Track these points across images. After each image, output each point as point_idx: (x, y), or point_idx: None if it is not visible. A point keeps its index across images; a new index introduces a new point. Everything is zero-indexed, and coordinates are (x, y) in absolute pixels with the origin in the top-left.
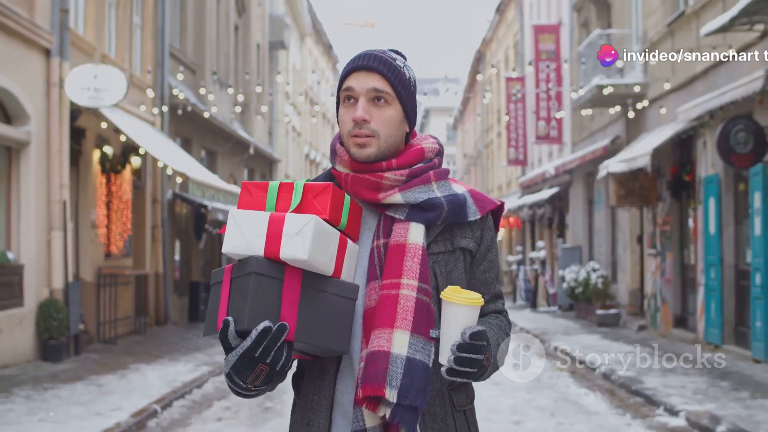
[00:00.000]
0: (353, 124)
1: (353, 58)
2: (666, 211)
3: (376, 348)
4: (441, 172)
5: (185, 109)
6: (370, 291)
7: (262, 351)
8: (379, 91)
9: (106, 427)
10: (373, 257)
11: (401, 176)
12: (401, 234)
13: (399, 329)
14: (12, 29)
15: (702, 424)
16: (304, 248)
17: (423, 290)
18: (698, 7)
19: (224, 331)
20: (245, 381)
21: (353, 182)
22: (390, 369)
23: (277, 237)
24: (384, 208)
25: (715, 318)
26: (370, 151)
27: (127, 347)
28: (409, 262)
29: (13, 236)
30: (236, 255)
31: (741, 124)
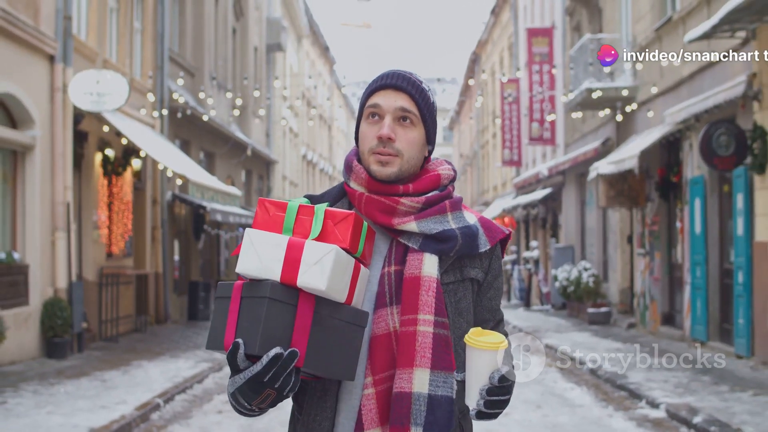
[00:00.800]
0: (377, 142)
1: (381, 75)
2: (654, 212)
3: (399, 389)
4: (456, 202)
5: (185, 113)
6: (379, 318)
7: (272, 377)
8: (406, 111)
9: (112, 419)
10: (384, 284)
11: (417, 203)
12: (415, 265)
13: (419, 368)
14: (18, 37)
15: (680, 416)
16: (323, 278)
17: (440, 324)
18: (684, 14)
19: (233, 353)
20: (251, 403)
21: (367, 203)
22: (413, 408)
23: (295, 263)
24: (397, 234)
25: (701, 315)
26: (391, 170)
27: (128, 345)
28: (425, 297)
29: (18, 237)
30: (250, 276)
31: (723, 128)
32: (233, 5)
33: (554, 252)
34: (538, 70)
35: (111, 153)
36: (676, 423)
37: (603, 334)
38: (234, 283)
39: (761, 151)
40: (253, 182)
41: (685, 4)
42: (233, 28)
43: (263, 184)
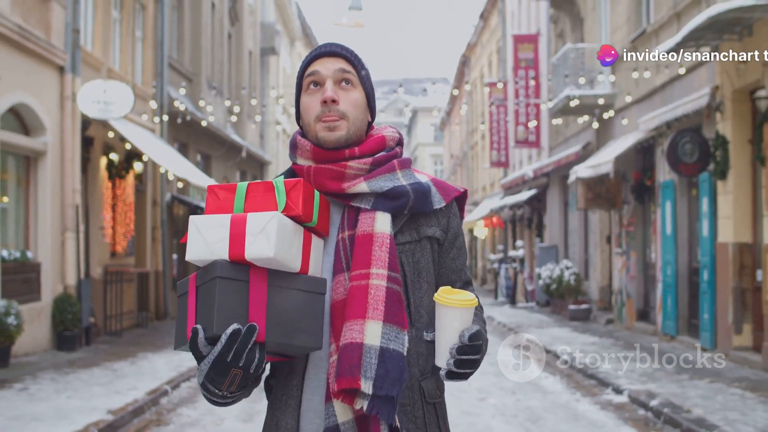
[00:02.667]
0: (321, 108)
1: (315, 48)
2: (630, 213)
3: (349, 340)
4: (404, 160)
5: (184, 118)
6: (337, 284)
7: (234, 354)
8: (345, 72)
9: (126, 402)
10: (339, 250)
11: (365, 164)
12: (368, 223)
13: (371, 320)
14: (31, 50)
15: (640, 400)
16: (270, 246)
17: (393, 279)
18: (657, 27)
19: (194, 340)
20: (220, 388)
21: (316, 173)
22: (364, 360)
23: (240, 238)
24: (348, 199)
25: (671, 311)
26: (340, 134)
27: (132, 339)
28: (378, 251)
29: (31, 237)
30: (200, 261)
31: (687, 137)
32: (229, 11)
33: (539, 251)
34: (523, 76)
35: (115, 157)
36: (636, 406)
37: (582, 330)
38: (189, 277)
39: (723, 158)
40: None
41: (657, 17)
42: (229, 33)
43: None
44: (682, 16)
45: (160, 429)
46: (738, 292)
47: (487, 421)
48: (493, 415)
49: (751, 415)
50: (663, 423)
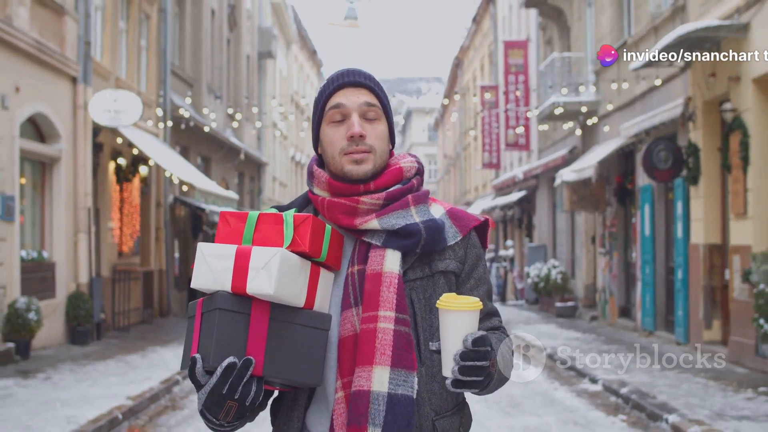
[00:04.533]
0: (348, 142)
1: (337, 74)
2: (613, 215)
3: (357, 388)
4: (420, 195)
5: (188, 124)
6: (344, 320)
7: (229, 387)
8: (371, 106)
9: (143, 390)
10: (348, 285)
11: (378, 200)
12: (377, 262)
13: (378, 365)
14: (47, 62)
15: (612, 388)
16: (270, 282)
17: (401, 321)
18: (637, 38)
19: (192, 369)
20: (216, 417)
21: (329, 207)
22: (371, 408)
23: (243, 271)
24: (361, 234)
25: (649, 308)
26: (367, 167)
27: (139, 334)
28: (386, 293)
29: (46, 238)
30: (204, 290)
31: (662, 145)
32: (228, 17)
33: (528, 251)
34: (513, 81)
35: (122, 162)
36: (608, 394)
37: (567, 326)
38: (197, 301)
39: (694, 165)
40: (245, 184)
41: (637, 30)
42: (228, 39)
43: (254, 185)
44: (659, 30)
45: (175, 413)
46: (708, 290)
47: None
48: (477, 401)
49: (709, 401)
50: (631, 408)
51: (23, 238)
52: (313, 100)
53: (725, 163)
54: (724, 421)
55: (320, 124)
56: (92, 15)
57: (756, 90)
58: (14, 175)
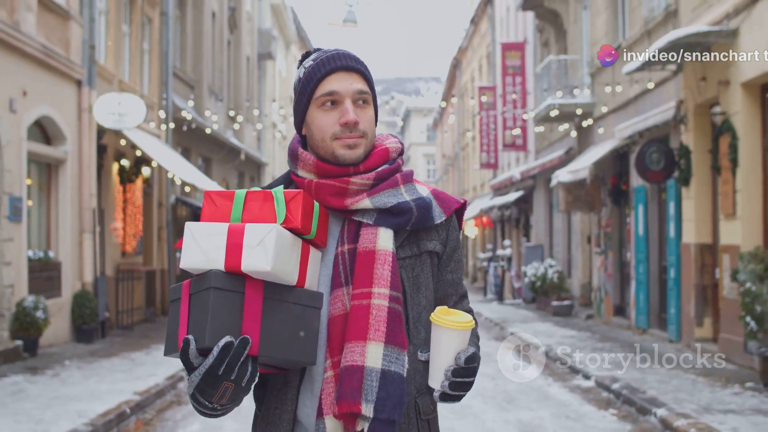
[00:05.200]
0: (341, 128)
1: (327, 57)
2: (608, 216)
3: (350, 362)
4: (407, 174)
5: (190, 126)
6: (335, 299)
7: (226, 368)
8: (362, 93)
9: (149, 386)
10: (338, 264)
11: (368, 180)
12: (370, 240)
13: (372, 341)
14: (53, 66)
15: (604, 384)
16: (267, 259)
17: (394, 298)
18: (631, 42)
19: (185, 351)
20: (210, 400)
21: (317, 188)
22: (365, 383)
23: (237, 248)
24: (350, 213)
25: (643, 306)
26: (359, 152)
27: (142, 332)
28: (380, 270)
29: (52, 238)
30: (195, 270)
31: (654, 147)
32: (228, 19)
33: (525, 250)
34: (511, 82)
35: (126, 163)
36: (600, 389)
37: (563, 324)
38: (183, 283)
39: (686, 167)
40: (245, 184)
41: (631, 33)
42: (228, 41)
43: (254, 185)
44: (652, 34)
45: (181, 408)
46: (699, 289)
47: (467, 401)
48: (473, 396)
49: (697, 395)
50: (621, 403)
51: (30, 238)
52: None
53: (715, 164)
54: (710, 414)
55: (308, 106)
56: (96, 19)
57: (744, 94)
58: (22, 176)
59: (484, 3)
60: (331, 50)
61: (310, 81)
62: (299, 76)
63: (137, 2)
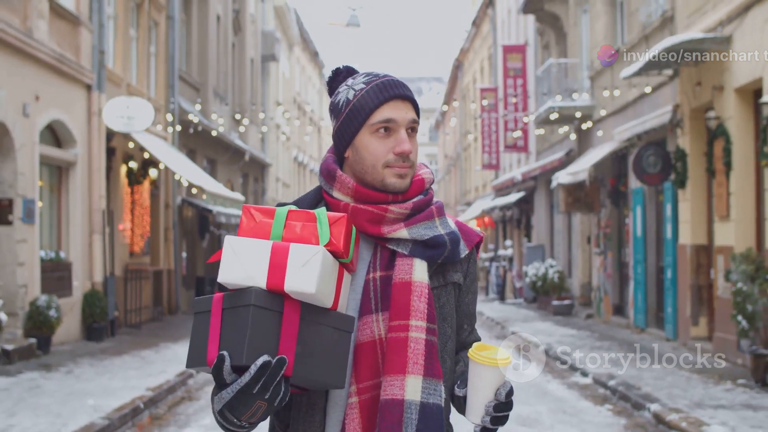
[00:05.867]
0: (395, 157)
1: (384, 84)
2: (607, 217)
3: (390, 396)
4: (440, 207)
5: (196, 128)
6: (363, 325)
7: (261, 387)
8: (415, 122)
9: (160, 382)
10: (369, 290)
11: (405, 209)
12: (405, 270)
13: (411, 374)
14: (65, 72)
15: (601, 381)
16: (312, 281)
17: (431, 330)
18: (629, 46)
19: (219, 367)
20: (240, 418)
21: (354, 213)
22: (405, 416)
23: (281, 268)
24: (384, 241)
25: (641, 306)
26: (407, 181)
27: (150, 331)
28: (416, 302)
29: (63, 239)
30: (234, 285)
31: (651, 150)
32: (232, 22)
33: (526, 251)
34: (512, 84)
35: (134, 165)
36: (597, 386)
37: (563, 323)
38: (213, 297)
39: (682, 169)
40: (249, 184)
41: (630, 38)
42: (232, 43)
43: (258, 186)
44: (650, 39)
45: (192, 403)
46: (695, 289)
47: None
48: None
49: (690, 392)
50: (617, 399)
51: (41, 239)
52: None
53: (710, 168)
54: (701, 409)
55: (358, 130)
56: (105, 24)
57: (738, 99)
58: (34, 179)
59: (486, 5)
60: (381, 75)
61: (366, 105)
62: (347, 97)
63: (144, 7)
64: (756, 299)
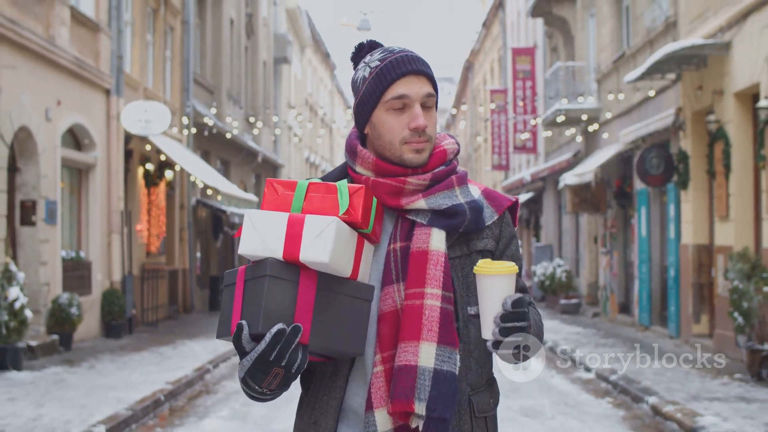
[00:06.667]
0: (410, 132)
1: (397, 59)
2: (613, 217)
3: (404, 362)
4: (462, 176)
5: (210, 131)
6: (386, 295)
7: (277, 354)
8: (430, 96)
9: (179, 377)
10: (390, 260)
11: (424, 180)
12: (423, 240)
13: (425, 341)
14: (85, 77)
15: (603, 375)
16: (326, 251)
17: (447, 299)
18: (634, 51)
19: (238, 335)
20: (260, 385)
21: (375, 186)
22: (418, 382)
23: (296, 238)
24: (404, 212)
25: (646, 305)
26: (425, 156)
27: (167, 329)
28: (432, 270)
29: (83, 239)
30: (253, 256)
31: (654, 152)
32: (245, 25)
33: (535, 250)
34: (521, 86)
35: (150, 167)
36: (599, 381)
37: (570, 322)
38: (238, 269)
39: (684, 171)
40: (262, 185)
41: (634, 42)
42: (245, 47)
43: None
44: (654, 44)
45: (210, 396)
46: (696, 287)
47: None
48: None
49: (688, 386)
50: (618, 392)
51: (63, 239)
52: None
53: (710, 169)
54: (697, 402)
55: (374, 107)
56: (123, 30)
57: (737, 103)
58: (56, 181)
59: (496, 7)
60: (396, 51)
61: (380, 83)
62: (363, 75)
63: (160, 12)
64: (751, 296)
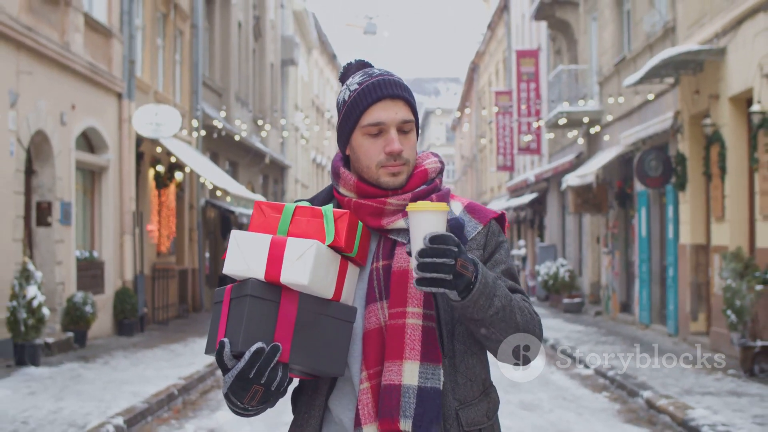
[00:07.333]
0: (386, 157)
1: (373, 84)
2: (614, 217)
3: (389, 381)
4: (443, 194)
5: (219, 133)
6: (370, 313)
7: (256, 372)
8: (406, 122)
9: (191, 372)
10: (372, 279)
11: (404, 201)
12: (404, 259)
13: (408, 360)
14: (98, 82)
15: (602, 372)
16: (305, 273)
17: (428, 316)
18: (635, 55)
19: (220, 353)
20: (241, 401)
21: (356, 208)
22: (402, 400)
23: (278, 261)
24: (386, 232)
25: (646, 303)
26: (402, 178)
27: (177, 327)
28: (413, 289)
29: (96, 239)
30: (236, 276)
31: (653, 155)
32: (253, 28)
33: (539, 250)
34: (525, 88)
35: (161, 169)
36: (598, 376)
37: (572, 320)
38: (226, 287)
39: (682, 173)
40: (269, 186)
41: (635, 46)
42: (253, 49)
43: (278, 188)
44: (654, 48)
45: (221, 391)
46: (694, 286)
47: None
48: None
49: (682, 381)
50: (615, 387)
51: (77, 240)
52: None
53: (707, 171)
54: (690, 396)
55: (353, 130)
56: (135, 35)
57: (731, 108)
58: (71, 183)
59: (501, 10)
60: (376, 74)
61: (356, 107)
62: (344, 98)
63: (170, 17)
64: (744, 295)
